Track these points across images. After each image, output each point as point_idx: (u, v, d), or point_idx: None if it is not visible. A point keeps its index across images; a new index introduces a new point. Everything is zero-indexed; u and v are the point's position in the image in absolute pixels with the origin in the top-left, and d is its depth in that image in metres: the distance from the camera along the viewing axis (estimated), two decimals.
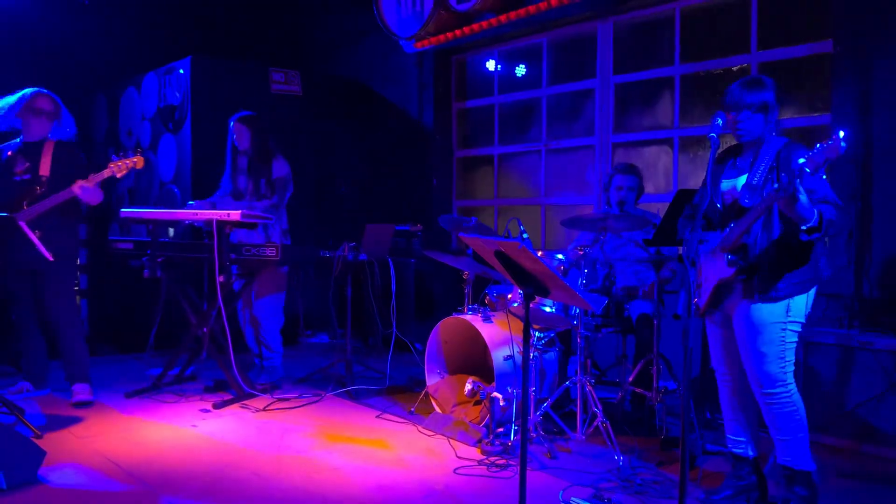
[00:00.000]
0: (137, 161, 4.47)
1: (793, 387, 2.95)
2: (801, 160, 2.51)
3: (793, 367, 2.96)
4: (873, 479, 3.39)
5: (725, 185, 3.07)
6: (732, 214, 2.97)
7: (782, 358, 2.93)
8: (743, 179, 2.99)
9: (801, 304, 2.94)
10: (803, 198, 2.61)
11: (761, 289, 2.89)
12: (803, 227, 2.71)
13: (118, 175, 4.43)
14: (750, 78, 3.01)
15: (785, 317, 2.92)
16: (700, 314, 3.14)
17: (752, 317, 2.94)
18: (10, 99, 4.50)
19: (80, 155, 4.68)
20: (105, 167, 4.39)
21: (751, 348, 2.96)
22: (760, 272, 2.89)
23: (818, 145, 2.46)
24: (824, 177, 2.56)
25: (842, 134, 2.41)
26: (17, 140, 4.59)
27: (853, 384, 3.74)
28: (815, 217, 2.68)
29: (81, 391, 4.54)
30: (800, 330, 2.97)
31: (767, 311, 2.92)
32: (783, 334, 2.93)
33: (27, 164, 4.45)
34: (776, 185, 2.62)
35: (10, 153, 4.53)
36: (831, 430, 3.79)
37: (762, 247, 2.89)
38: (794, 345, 2.95)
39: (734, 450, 3.20)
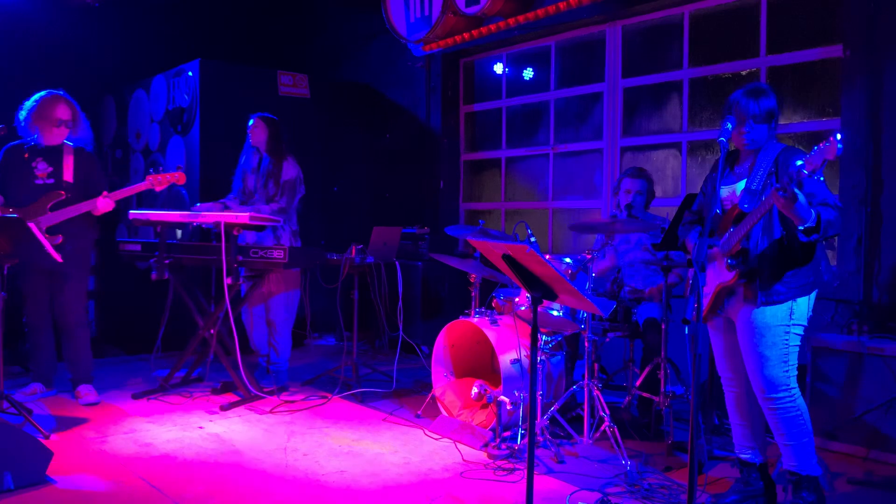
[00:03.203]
0: (179, 177, 4.61)
1: (796, 391, 2.95)
2: (799, 162, 2.53)
3: (796, 372, 2.95)
4: (883, 485, 3.37)
5: (724, 191, 3.10)
6: (732, 220, 2.98)
7: (785, 362, 2.93)
8: (742, 185, 3.01)
9: (803, 306, 2.95)
10: (801, 198, 2.64)
11: (763, 291, 2.90)
12: (801, 228, 2.72)
13: (157, 189, 4.58)
14: (753, 87, 3.02)
15: (788, 319, 2.92)
16: (703, 319, 3.14)
17: (755, 320, 2.94)
18: (29, 103, 4.50)
19: (99, 163, 4.75)
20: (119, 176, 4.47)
21: (753, 352, 2.96)
22: (761, 275, 2.91)
23: (816, 147, 2.48)
24: (821, 179, 2.60)
25: (839, 136, 2.43)
26: (30, 141, 4.50)
27: (862, 390, 3.72)
28: (813, 217, 2.69)
29: (88, 392, 4.58)
30: (802, 333, 2.97)
31: (770, 314, 2.92)
32: (786, 337, 2.93)
33: (50, 168, 4.47)
34: (776, 185, 2.64)
35: (26, 155, 4.49)
36: (840, 437, 3.77)
37: (763, 249, 2.91)
38: (798, 348, 2.96)
39: (742, 455, 3.20)
